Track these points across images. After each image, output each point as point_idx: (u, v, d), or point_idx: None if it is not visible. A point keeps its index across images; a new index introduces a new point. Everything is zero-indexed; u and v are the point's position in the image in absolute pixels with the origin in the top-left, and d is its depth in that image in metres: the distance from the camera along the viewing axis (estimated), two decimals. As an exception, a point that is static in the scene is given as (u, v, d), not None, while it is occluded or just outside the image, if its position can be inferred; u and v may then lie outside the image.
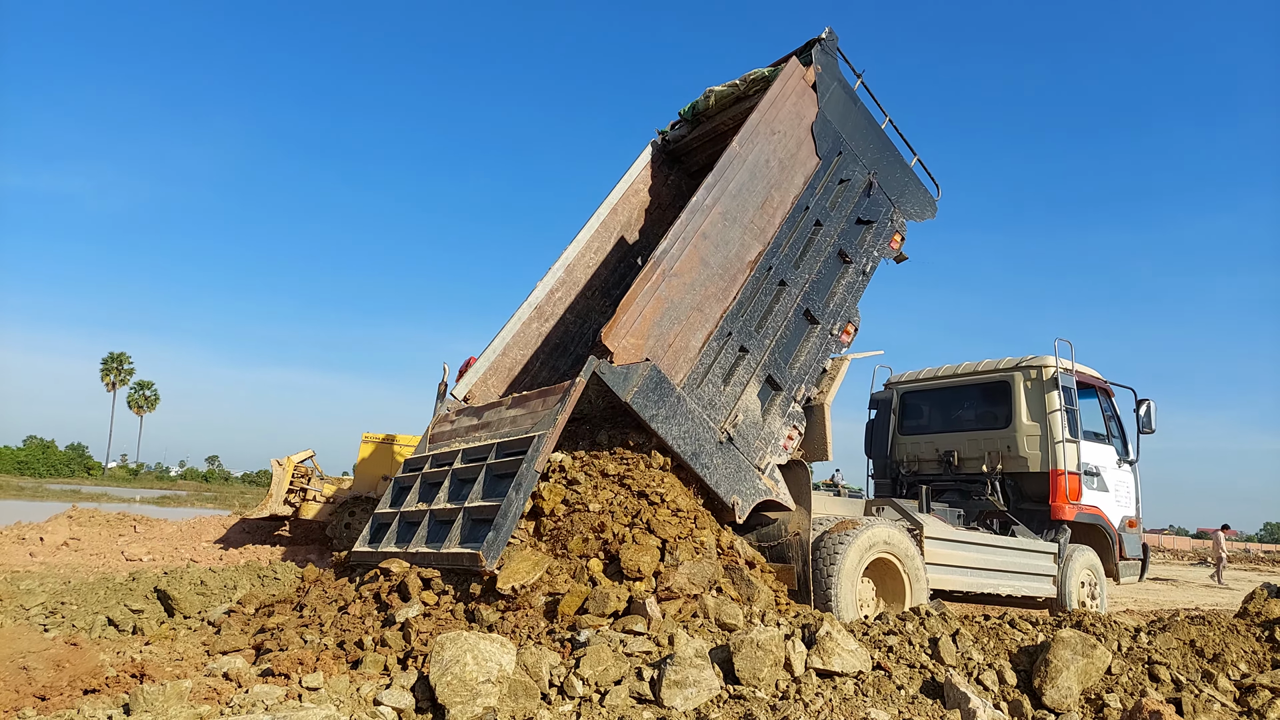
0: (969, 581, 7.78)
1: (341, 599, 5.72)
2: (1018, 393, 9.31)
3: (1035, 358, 9.34)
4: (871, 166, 7.77)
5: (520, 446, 5.53)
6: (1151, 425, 9.92)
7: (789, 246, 6.96)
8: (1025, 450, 9.18)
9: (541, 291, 7.66)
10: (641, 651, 4.39)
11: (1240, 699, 4.63)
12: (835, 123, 7.48)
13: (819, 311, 7.09)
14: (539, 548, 5.46)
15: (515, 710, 3.82)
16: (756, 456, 6.35)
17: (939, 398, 10.58)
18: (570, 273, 7.85)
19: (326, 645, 4.96)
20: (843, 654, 4.35)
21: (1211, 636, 5.07)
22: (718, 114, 8.24)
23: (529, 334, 7.63)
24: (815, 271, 7.12)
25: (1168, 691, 4.50)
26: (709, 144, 8.50)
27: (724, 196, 6.42)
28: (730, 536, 6.15)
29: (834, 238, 7.33)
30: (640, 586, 5.09)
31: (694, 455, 5.96)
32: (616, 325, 5.67)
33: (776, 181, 6.87)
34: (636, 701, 4.02)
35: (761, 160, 6.77)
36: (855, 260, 7.45)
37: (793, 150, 7.04)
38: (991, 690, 4.39)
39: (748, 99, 7.79)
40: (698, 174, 8.66)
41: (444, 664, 3.77)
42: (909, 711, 4.05)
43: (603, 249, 8.07)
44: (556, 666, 4.17)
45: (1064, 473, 8.86)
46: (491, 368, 7.31)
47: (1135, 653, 4.75)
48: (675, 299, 6.02)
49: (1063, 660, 4.41)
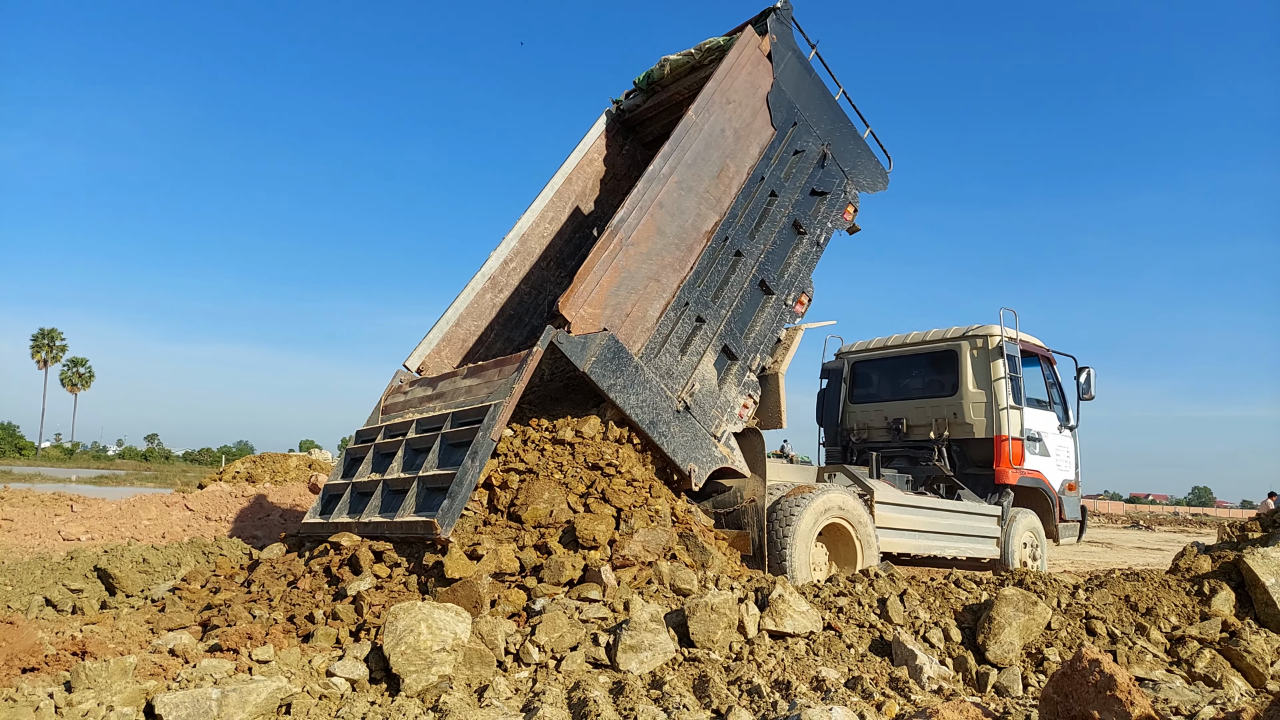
0: (918, 544, 7.98)
1: (291, 574, 5.64)
2: (964, 361, 9.51)
3: (981, 327, 9.54)
4: (825, 138, 7.78)
5: (476, 416, 5.48)
6: (1091, 392, 10.22)
7: (745, 217, 6.96)
8: (971, 417, 9.38)
9: (495, 262, 7.54)
10: (597, 618, 4.42)
11: (1171, 650, 4.84)
12: (790, 93, 7.45)
13: (774, 282, 7.13)
14: (492, 519, 5.45)
15: (471, 678, 3.82)
16: (713, 425, 6.40)
17: (888, 367, 10.74)
18: (524, 243, 7.76)
19: (276, 620, 4.89)
20: (794, 615, 4.44)
21: (1145, 592, 5.27)
22: (673, 83, 8.18)
23: (483, 304, 7.54)
24: (770, 242, 7.14)
25: (1104, 644, 4.68)
26: (664, 113, 8.45)
27: (680, 166, 6.38)
28: (685, 505, 6.21)
29: (789, 208, 7.35)
30: (595, 555, 5.11)
31: (651, 424, 5.98)
32: (574, 295, 5.63)
33: (732, 151, 6.84)
34: (593, 666, 4.05)
35: (717, 130, 6.73)
36: (809, 231, 7.48)
37: (748, 120, 7.01)
38: (937, 647, 4.51)
39: (703, 68, 7.74)
40: (652, 144, 8.62)
41: (398, 634, 3.74)
42: (858, 669, 4.15)
43: (557, 219, 7.98)
44: (512, 634, 4.17)
45: (1007, 438, 9.09)
46: (445, 339, 7.21)
47: (1074, 608, 4.93)
48: (632, 268, 6.01)
49: (1005, 617, 4.55)
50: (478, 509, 5.51)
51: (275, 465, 15.13)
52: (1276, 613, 5.16)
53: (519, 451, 5.92)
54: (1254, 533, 10.59)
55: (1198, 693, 4.13)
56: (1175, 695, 4.01)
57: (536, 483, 5.56)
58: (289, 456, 14.98)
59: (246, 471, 15.12)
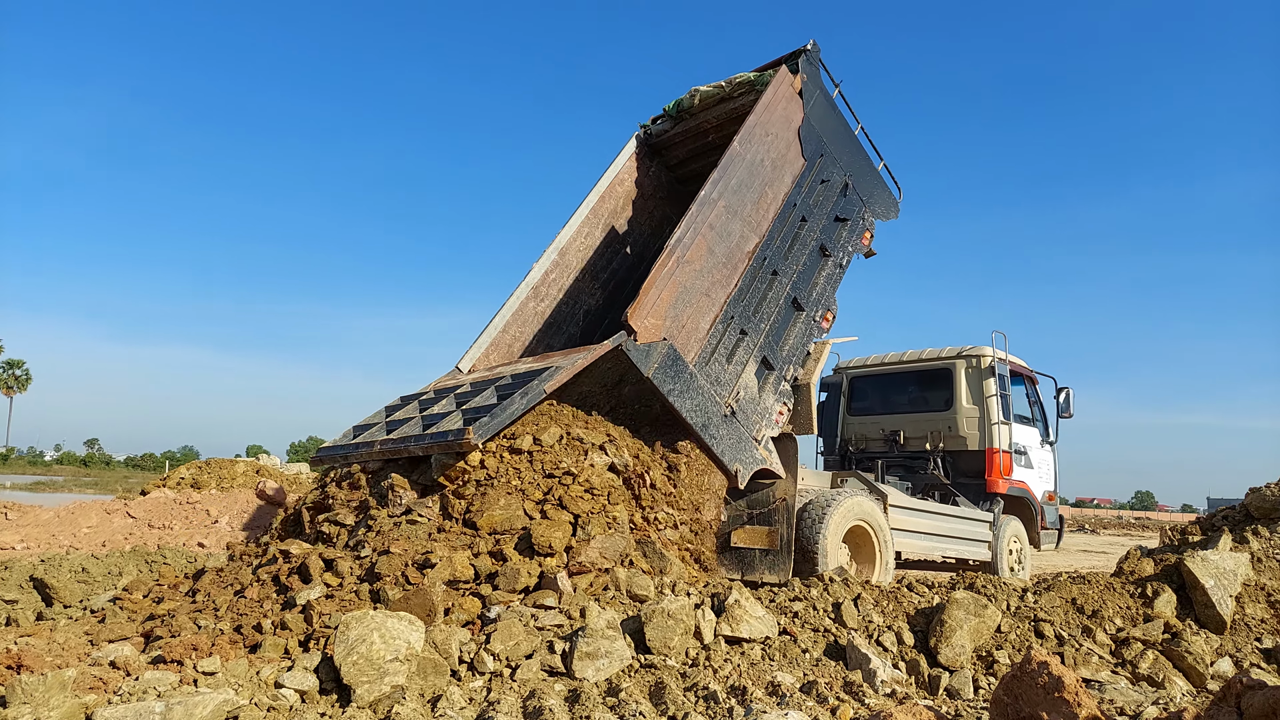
0: (923, 546, 8.46)
1: (238, 583, 5.50)
2: (959, 379, 10.18)
3: (974, 348, 10.22)
4: (847, 169, 8.43)
5: (535, 373, 5.89)
6: (1070, 410, 11.01)
7: (780, 240, 7.52)
8: (965, 430, 10.04)
9: (537, 272, 8.01)
10: (553, 625, 4.39)
11: (1116, 651, 4.95)
12: (818, 127, 8.08)
13: (804, 300, 7.69)
14: (447, 526, 5.38)
15: (424, 688, 3.76)
16: (754, 429, 6.88)
17: (885, 382, 11.37)
18: (563, 255, 8.23)
19: (222, 630, 4.76)
20: (751, 621, 4.45)
21: (1091, 594, 5.39)
22: (701, 112, 8.68)
23: (526, 312, 7.97)
24: (801, 263, 7.73)
25: (1052, 646, 4.77)
26: (690, 139, 8.97)
27: (727, 192, 6.91)
28: (644, 513, 6.20)
29: (816, 233, 7.94)
30: (552, 562, 5.07)
31: (703, 426, 6.39)
32: (639, 306, 6.05)
33: (769, 179, 7.42)
34: (548, 674, 4.01)
35: (758, 160, 7.28)
36: (834, 254, 8.10)
37: (783, 151, 7.60)
38: (891, 651, 4.56)
39: (732, 100, 8.32)
40: (676, 166, 9.28)
41: (349, 643, 3.67)
42: (813, 674, 4.17)
43: (592, 234, 8.49)
44: (467, 643, 4.12)
45: (999, 451, 9.81)
46: (493, 343, 7.61)
47: (1023, 611, 5.02)
48: (688, 284, 6.51)
49: (956, 620, 4.62)
50: (431, 515, 5.44)
51: (222, 471, 14.79)
52: (1215, 614, 5.31)
53: (480, 460, 5.87)
54: (1194, 536, 10.93)
55: (1141, 693, 4.24)
56: (1120, 696, 4.11)
57: (493, 490, 5.51)
58: (236, 462, 14.66)
59: (192, 478, 14.76)
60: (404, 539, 5.05)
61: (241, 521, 12.26)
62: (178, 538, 11.11)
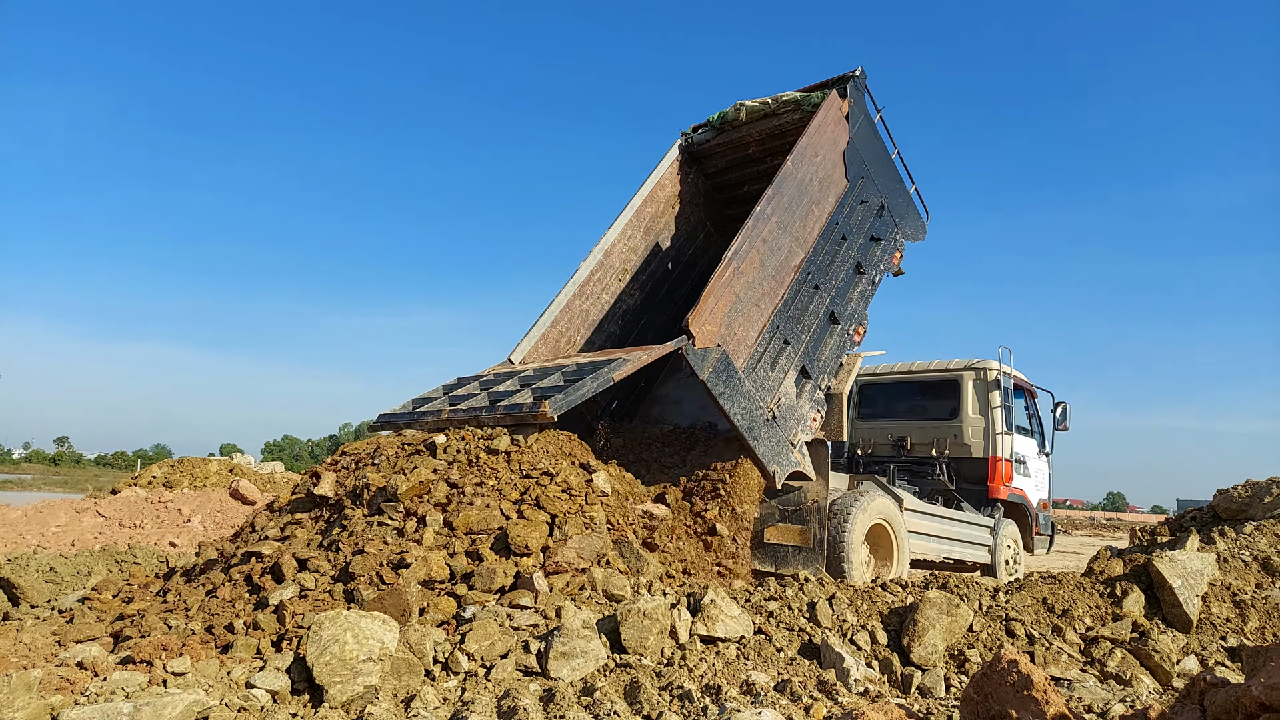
0: (934, 548, 8.84)
1: (210, 583, 5.45)
2: (966, 390, 10.65)
3: (981, 361, 10.68)
4: (884, 191, 8.85)
5: (600, 365, 6.25)
6: (1066, 424, 11.54)
7: (822, 256, 7.91)
8: (970, 439, 10.49)
9: (584, 272, 8.33)
10: (529, 625, 4.38)
11: (1085, 650, 5.02)
12: (861, 150, 8.45)
13: (840, 314, 8.09)
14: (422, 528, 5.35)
15: (398, 688, 3.74)
16: (791, 433, 7.24)
17: (893, 390, 11.74)
18: (607, 257, 8.56)
19: (193, 631, 4.70)
20: (726, 620, 4.47)
21: (1061, 594, 5.46)
22: (744, 126, 9.01)
23: (573, 310, 8.30)
24: (839, 279, 8.12)
25: (1022, 645, 4.83)
26: (730, 150, 9.33)
27: (779, 209, 7.24)
28: (623, 514, 6.21)
29: (854, 251, 8.35)
30: (528, 562, 5.07)
31: (748, 429, 6.69)
32: (699, 313, 6.35)
33: (816, 198, 7.77)
34: (523, 674, 4.00)
35: (807, 179, 7.61)
36: (868, 272, 8.53)
37: (829, 172, 7.96)
38: (864, 650, 4.60)
39: (776, 117, 8.73)
40: (713, 175, 9.62)
41: (322, 643, 3.65)
42: (788, 672, 4.20)
43: (634, 237, 8.84)
44: (441, 643, 4.10)
45: (1001, 459, 10.28)
46: (542, 338, 7.92)
47: (994, 610, 5.08)
48: (741, 294, 6.85)
49: (929, 619, 4.67)
50: (400, 518, 5.41)
51: (195, 470, 14.63)
52: (1182, 613, 5.40)
53: (453, 458, 5.85)
54: (1163, 537, 11.13)
55: (1110, 691, 4.30)
56: (1089, 694, 4.17)
57: (469, 489, 5.50)
58: (209, 461, 14.50)
59: (164, 476, 14.58)
60: (379, 538, 5.02)
61: (214, 521, 12.13)
62: (149, 537, 10.97)
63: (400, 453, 6.10)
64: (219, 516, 12.32)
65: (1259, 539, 7.35)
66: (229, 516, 12.28)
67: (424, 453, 5.95)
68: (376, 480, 5.64)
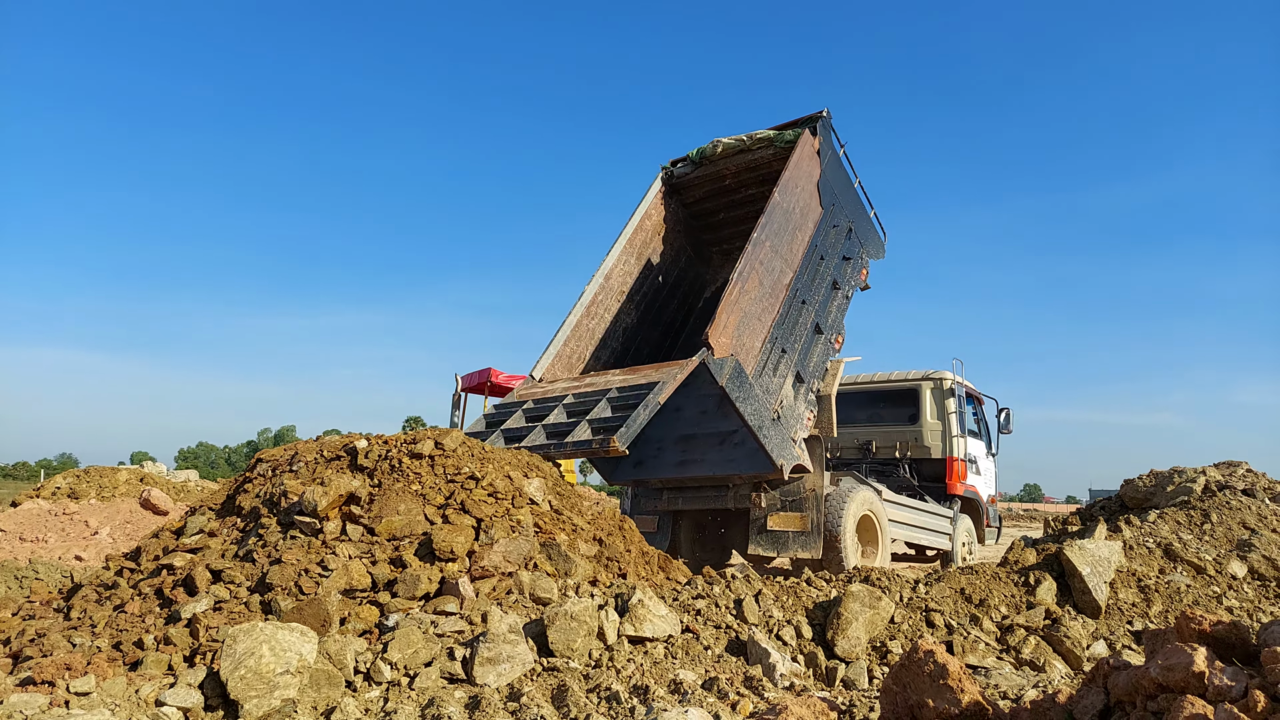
0: (904, 534, 9.98)
1: (117, 598, 5.22)
2: (924, 398, 11.77)
3: (937, 372, 11.84)
4: (851, 216, 9.98)
5: (644, 388, 6.76)
6: (1009, 427, 12.87)
7: (806, 275, 8.85)
8: (929, 441, 11.63)
9: (590, 293, 9.08)
10: (453, 631, 4.31)
11: (1001, 638, 5.19)
12: (831, 181, 9.51)
13: (824, 325, 9.09)
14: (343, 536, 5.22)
15: (317, 700, 3.64)
16: (793, 431, 8.08)
17: (859, 399, 12.64)
18: (608, 279, 9.37)
19: (100, 648, 4.50)
20: (654, 620, 4.48)
21: (978, 584, 5.63)
22: (721, 161, 10.02)
23: (581, 329, 9.00)
24: (821, 295, 9.13)
25: (941, 635, 4.96)
26: (708, 183, 10.33)
27: (771, 235, 8.10)
28: (553, 516, 6.17)
29: (830, 270, 9.39)
30: (453, 567, 4.99)
31: (759, 428, 7.41)
32: (715, 328, 7.03)
33: (799, 224, 8.73)
34: (448, 682, 3.94)
35: (790, 208, 8.54)
36: (842, 288, 9.61)
37: (807, 201, 8.93)
38: (790, 645, 4.66)
39: (750, 152, 9.71)
40: (691, 205, 10.63)
41: (237, 657, 3.52)
42: (715, 670, 4.23)
43: (628, 261, 9.69)
44: (363, 652, 4.01)
45: (957, 459, 11.45)
46: (557, 355, 8.58)
47: (915, 602, 5.20)
48: (746, 310, 7.63)
49: (852, 613, 4.76)
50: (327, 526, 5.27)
51: (102, 480, 13.99)
52: (1092, 600, 5.63)
53: (375, 464, 5.73)
54: (1074, 526, 11.60)
55: (1024, 677, 4.44)
56: (1004, 681, 4.30)
57: (392, 494, 5.39)
58: (118, 470, 13.88)
59: (69, 487, 13.89)
60: (297, 547, 4.88)
61: (124, 533, 11.64)
62: (53, 551, 10.46)
63: (319, 459, 5.95)
64: (129, 528, 11.82)
65: (1162, 526, 7.72)
66: (139, 528, 11.79)
67: (344, 458, 5.82)
68: (295, 488, 5.49)
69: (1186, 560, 6.69)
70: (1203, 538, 7.55)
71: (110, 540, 11.34)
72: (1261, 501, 8.84)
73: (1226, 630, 2.48)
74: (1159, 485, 10.81)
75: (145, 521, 12.13)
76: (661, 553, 7.37)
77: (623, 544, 6.74)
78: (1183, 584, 6.23)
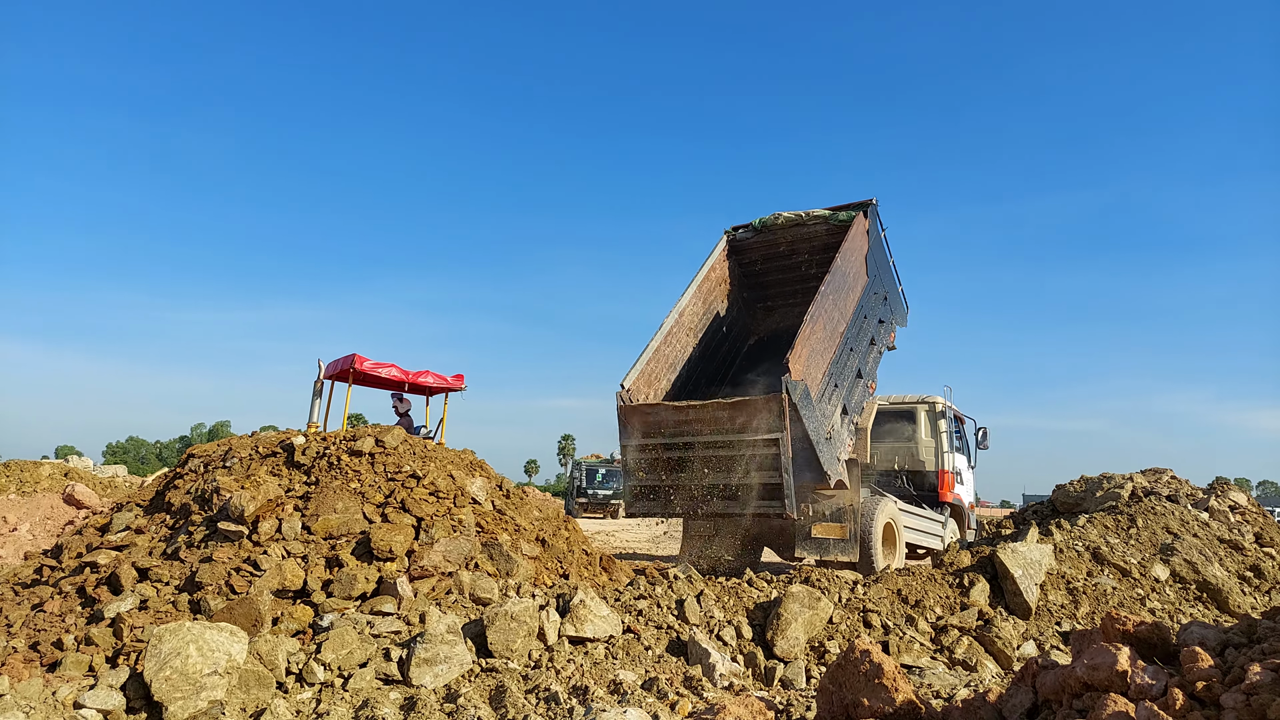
0: (911, 538, 11.49)
1: (36, 596, 5.01)
2: (920, 419, 13.39)
3: (931, 396, 13.56)
4: (887, 286, 12.06)
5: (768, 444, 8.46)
6: (986, 444, 14.65)
7: (854, 328, 10.64)
8: (923, 456, 13.22)
9: (667, 326, 10.67)
10: (390, 632, 4.23)
11: (935, 638, 5.28)
12: (875, 255, 11.51)
13: (864, 371, 10.87)
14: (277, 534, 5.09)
15: (246, 702, 3.54)
16: (839, 451, 9.62)
17: None
18: (680, 317, 10.98)
19: (16, 649, 4.31)
20: (595, 620, 4.45)
21: (915, 585, 5.73)
22: (779, 231, 11.95)
23: (660, 354, 10.46)
24: (864, 346, 10.96)
25: (878, 635, 5.04)
26: (765, 248, 12.24)
27: (833, 291, 9.87)
28: (496, 516, 6.10)
29: (871, 328, 11.30)
30: (392, 567, 4.90)
31: (817, 442, 8.74)
32: (794, 356, 8.53)
33: (851, 286, 10.58)
34: (383, 683, 3.86)
35: (845, 272, 10.33)
36: (878, 344, 11.58)
37: (857, 269, 10.89)
38: (730, 645, 4.68)
39: (805, 226, 11.71)
40: (746, 265, 12.54)
41: (162, 657, 3.41)
42: (655, 670, 4.22)
43: (696, 304, 11.44)
44: (295, 653, 3.91)
45: (947, 472, 13.05)
46: (640, 373, 10.05)
47: (853, 603, 5.27)
48: (814, 346, 9.23)
49: (792, 613, 4.80)
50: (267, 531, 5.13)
51: (24, 474, 13.44)
52: (1023, 601, 5.77)
53: (312, 462, 5.60)
54: (1007, 529, 11.84)
55: (956, 677, 4.53)
56: (937, 680, 4.38)
57: (330, 492, 5.27)
58: (41, 464, 13.35)
59: (-11, 482, 13.32)
60: (228, 545, 4.75)
61: (45, 529, 11.20)
62: (-30, 548, 10.00)
63: (254, 455, 5.80)
64: (50, 524, 11.38)
65: (1090, 530, 7.96)
66: (62, 524, 11.37)
67: (280, 455, 5.68)
68: (228, 485, 5.34)
69: (1113, 563, 6.92)
70: (1129, 542, 7.81)
71: (30, 537, 10.89)
72: (1184, 507, 9.17)
73: (1149, 631, 2.56)
74: (1089, 490, 11.16)
75: (68, 517, 11.70)
76: (605, 554, 7.39)
77: (566, 544, 6.71)
78: (1109, 586, 6.43)
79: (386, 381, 11.13)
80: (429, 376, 11.31)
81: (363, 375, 10.66)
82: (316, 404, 10.77)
